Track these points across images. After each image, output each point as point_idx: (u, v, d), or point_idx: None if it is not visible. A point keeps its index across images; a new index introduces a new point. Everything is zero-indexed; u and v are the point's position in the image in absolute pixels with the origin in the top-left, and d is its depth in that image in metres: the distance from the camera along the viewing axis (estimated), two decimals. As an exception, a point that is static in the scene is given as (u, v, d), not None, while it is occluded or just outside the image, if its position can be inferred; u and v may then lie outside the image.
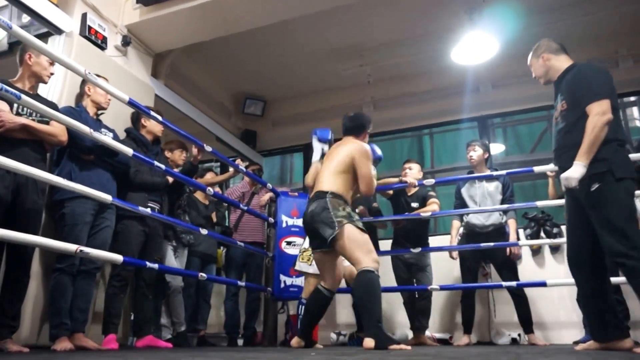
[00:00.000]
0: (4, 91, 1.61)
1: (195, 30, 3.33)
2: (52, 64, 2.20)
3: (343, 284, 3.66)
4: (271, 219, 3.37)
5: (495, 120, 4.73)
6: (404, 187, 3.33)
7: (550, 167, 3.14)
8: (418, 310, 3.27)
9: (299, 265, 2.80)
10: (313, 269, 2.64)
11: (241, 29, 3.39)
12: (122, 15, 3.19)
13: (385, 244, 3.65)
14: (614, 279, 2.94)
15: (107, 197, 1.99)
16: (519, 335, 3.29)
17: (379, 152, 2.70)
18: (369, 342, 1.87)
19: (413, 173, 3.37)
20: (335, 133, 2.87)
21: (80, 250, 1.81)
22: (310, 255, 2.65)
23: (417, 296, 3.32)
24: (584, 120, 1.77)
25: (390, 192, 3.48)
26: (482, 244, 2.95)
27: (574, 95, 1.84)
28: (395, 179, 3.52)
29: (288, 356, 1.59)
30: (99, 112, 2.54)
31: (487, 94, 4.37)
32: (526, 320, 3.05)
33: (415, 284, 3.34)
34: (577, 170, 1.75)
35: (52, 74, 2.24)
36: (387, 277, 3.45)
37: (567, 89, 1.88)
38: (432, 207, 3.27)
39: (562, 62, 1.97)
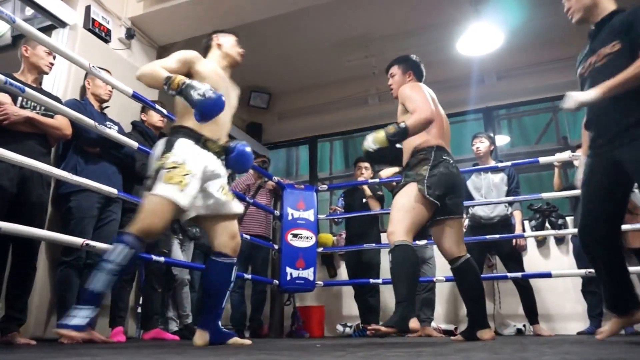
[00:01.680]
0: (8, 84, 1.61)
1: (199, 22, 3.31)
2: (49, 53, 2.18)
3: (344, 277, 3.69)
4: (277, 212, 3.37)
5: (501, 111, 4.70)
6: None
7: (555, 158, 3.12)
8: (422, 303, 3.28)
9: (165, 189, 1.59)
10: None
11: (245, 21, 3.37)
12: (126, 7, 3.18)
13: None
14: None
15: (113, 191, 2.00)
16: (524, 326, 3.30)
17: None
18: (488, 333, 1.90)
19: None
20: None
21: (87, 244, 1.82)
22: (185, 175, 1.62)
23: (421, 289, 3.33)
24: None
25: (394, 183, 3.48)
26: (488, 236, 2.95)
27: (634, 38, 1.58)
28: (396, 169, 3.52)
29: (294, 347, 1.60)
30: (103, 105, 2.54)
31: (492, 85, 4.33)
32: (531, 311, 3.05)
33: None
34: (588, 94, 1.51)
35: (51, 63, 2.22)
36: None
37: (623, 30, 1.62)
38: None
39: (610, 3, 1.75)
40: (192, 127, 1.71)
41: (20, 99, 2.05)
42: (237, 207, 1.80)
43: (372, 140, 1.84)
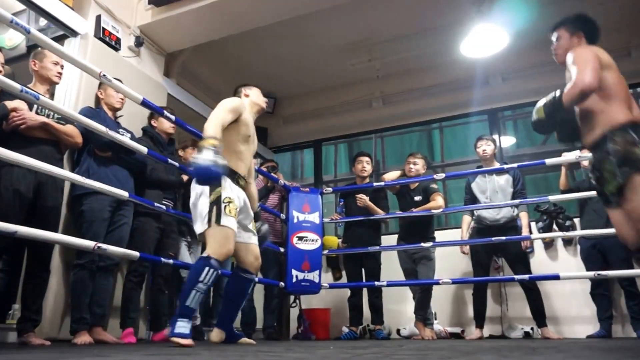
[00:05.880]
0: (24, 92, 1.67)
1: (205, 29, 3.37)
2: (56, 63, 2.23)
3: (343, 280, 3.67)
4: (282, 215, 3.40)
5: (506, 112, 4.70)
6: (407, 182, 3.36)
7: (562, 160, 3.12)
8: (417, 303, 3.29)
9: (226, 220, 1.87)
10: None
11: (251, 27, 3.42)
12: (135, 16, 3.25)
13: (392, 239, 3.66)
14: (629, 271, 2.93)
15: (124, 194, 2.04)
16: (532, 329, 3.29)
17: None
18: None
19: (417, 168, 3.38)
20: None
21: (98, 247, 1.86)
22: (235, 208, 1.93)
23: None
24: None
25: (398, 186, 3.49)
26: (494, 238, 2.95)
27: None
28: (399, 172, 3.53)
29: (302, 349, 1.62)
30: (117, 114, 2.60)
31: (497, 87, 4.34)
32: (539, 313, 3.04)
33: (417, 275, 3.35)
34: None
35: (60, 73, 2.27)
36: (394, 271, 3.47)
37: None
38: (438, 201, 3.27)
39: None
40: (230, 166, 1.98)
41: (35, 107, 2.11)
42: (254, 238, 2.16)
43: (535, 110, 1.70)
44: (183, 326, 1.78)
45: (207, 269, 1.79)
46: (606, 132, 1.59)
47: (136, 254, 2.06)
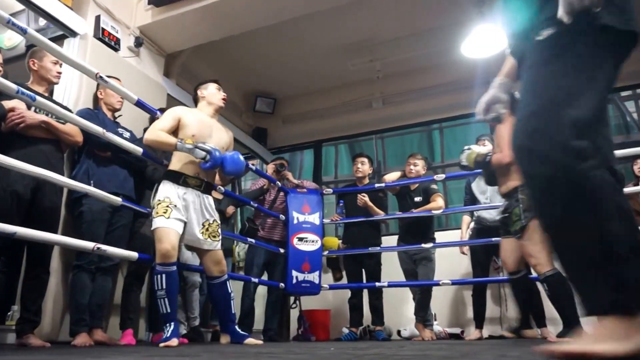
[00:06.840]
0: (20, 93, 1.66)
1: (205, 29, 3.36)
2: (56, 63, 2.22)
3: (344, 280, 3.66)
4: (282, 216, 3.39)
5: (506, 113, 4.69)
6: (407, 183, 3.35)
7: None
8: (417, 304, 3.28)
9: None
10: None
11: (251, 27, 3.42)
12: (135, 16, 3.24)
13: (392, 240, 3.66)
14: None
15: (117, 200, 2.04)
16: (532, 329, 3.28)
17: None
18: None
19: (417, 169, 3.37)
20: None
21: (97, 248, 1.86)
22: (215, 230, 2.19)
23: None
24: None
25: (398, 187, 3.48)
26: (493, 238, 2.94)
27: None
28: (399, 173, 3.52)
29: (302, 351, 1.62)
30: (115, 113, 2.60)
31: (497, 88, 4.32)
32: (539, 314, 3.04)
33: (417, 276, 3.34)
34: None
35: (59, 73, 2.26)
36: (394, 272, 3.46)
37: None
38: (438, 202, 3.26)
39: None
40: (175, 169, 2.15)
41: (33, 108, 2.10)
42: (213, 245, 2.19)
43: (465, 157, 2.24)
44: (167, 331, 1.99)
45: (155, 277, 1.99)
46: (518, 185, 2.08)
47: (135, 254, 2.06)
